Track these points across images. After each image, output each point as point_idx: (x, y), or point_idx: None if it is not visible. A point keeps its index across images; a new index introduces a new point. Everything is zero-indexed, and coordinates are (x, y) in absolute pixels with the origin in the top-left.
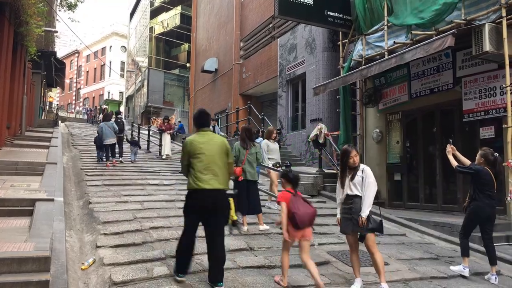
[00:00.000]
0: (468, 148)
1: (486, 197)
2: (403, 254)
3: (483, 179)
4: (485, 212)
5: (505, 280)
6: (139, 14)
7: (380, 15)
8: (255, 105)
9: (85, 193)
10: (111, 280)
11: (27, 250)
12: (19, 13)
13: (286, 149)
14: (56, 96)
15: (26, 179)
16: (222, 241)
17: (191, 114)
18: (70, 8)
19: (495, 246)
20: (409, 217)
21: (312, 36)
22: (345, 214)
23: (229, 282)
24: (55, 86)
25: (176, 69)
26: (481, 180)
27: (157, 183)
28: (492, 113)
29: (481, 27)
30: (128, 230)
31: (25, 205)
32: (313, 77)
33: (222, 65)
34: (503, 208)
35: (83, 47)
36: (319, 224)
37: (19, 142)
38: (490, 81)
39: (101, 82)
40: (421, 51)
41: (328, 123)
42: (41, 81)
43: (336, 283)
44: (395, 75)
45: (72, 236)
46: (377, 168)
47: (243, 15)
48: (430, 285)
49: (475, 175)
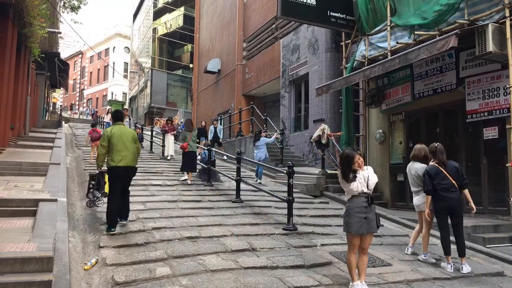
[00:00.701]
0: (471, 149)
1: (444, 191)
2: (405, 255)
3: (432, 176)
4: (445, 205)
5: (509, 281)
6: (142, 15)
7: (383, 16)
8: (258, 105)
9: None
10: (114, 281)
11: (30, 250)
12: (23, 14)
13: (289, 150)
14: (60, 97)
15: (29, 179)
16: (128, 194)
17: (194, 115)
18: (73, 10)
19: (464, 239)
20: (412, 218)
21: (315, 37)
22: (359, 213)
23: (231, 283)
24: (59, 87)
25: (179, 70)
26: (433, 177)
27: (160, 183)
28: (496, 113)
29: (484, 27)
30: (130, 230)
31: (29, 205)
32: (316, 77)
33: (225, 66)
34: (507, 209)
35: (87, 48)
36: (321, 225)
37: (23, 142)
38: (493, 81)
39: (104, 83)
40: (425, 52)
41: (331, 124)
42: (45, 82)
43: (339, 283)
44: (398, 75)
45: (75, 237)
46: (380, 169)
47: (246, 15)
48: (433, 286)
49: (429, 176)
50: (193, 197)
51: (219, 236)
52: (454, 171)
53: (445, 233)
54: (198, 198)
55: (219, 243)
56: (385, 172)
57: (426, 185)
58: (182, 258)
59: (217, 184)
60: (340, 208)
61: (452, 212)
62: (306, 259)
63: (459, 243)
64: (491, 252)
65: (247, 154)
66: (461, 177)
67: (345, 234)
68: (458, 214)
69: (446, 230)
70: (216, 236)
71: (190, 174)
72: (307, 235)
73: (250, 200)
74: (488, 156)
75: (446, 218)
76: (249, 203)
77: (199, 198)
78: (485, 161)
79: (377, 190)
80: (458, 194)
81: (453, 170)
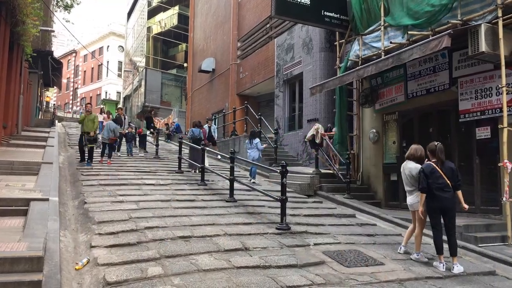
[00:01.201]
0: (464, 149)
1: (438, 190)
2: (398, 254)
3: (427, 175)
4: (438, 205)
5: (500, 280)
6: (137, 13)
7: (376, 15)
8: (252, 105)
9: (80, 193)
10: (105, 280)
11: (20, 250)
12: (15, 12)
13: (283, 149)
14: (53, 95)
15: (21, 178)
16: (93, 148)
17: (188, 114)
18: (66, 9)
19: (456, 239)
20: (405, 217)
21: (309, 36)
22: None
23: (223, 282)
24: (52, 85)
25: (174, 69)
26: (428, 176)
27: (153, 183)
28: (488, 113)
29: (477, 27)
30: (123, 230)
31: (20, 204)
32: (310, 77)
33: (219, 65)
34: (499, 208)
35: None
36: (314, 224)
37: (16, 141)
38: (486, 81)
39: (98, 82)
40: (418, 52)
41: (325, 123)
42: (38, 80)
43: (331, 283)
44: (392, 75)
45: (67, 236)
46: (373, 168)
47: (241, 15)
48: (425, 285)
49: (424, 174)
50: (186, 197)
51: (212, 236)
52: (449, 171)
53: (437, 232)
54: (191, 197)
55: (212, 243)
56: (379, 171)
57: (421, 183)
58: (175, 258)
59: (211, 183)
60: (334, 208)
61: (445, 211)
62: (299, 258)
63: (451, 242)
64: (483, 251)
65: (241, 153)
66: (456, 178)
67: (339, 233)
68: (451, 214)
69: (438, 229)
70: (209, 235)
71: (142, 149)
72: (300, 234)
73: (243, 200)
74: (481, 155)
75: (439, 217)
76: (243, 203)
77: (193, 197)
78: (477, 160)
79: (370, 189)
80: (451, 194)
81: (448, 170)
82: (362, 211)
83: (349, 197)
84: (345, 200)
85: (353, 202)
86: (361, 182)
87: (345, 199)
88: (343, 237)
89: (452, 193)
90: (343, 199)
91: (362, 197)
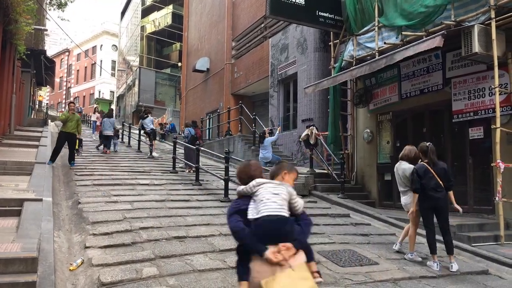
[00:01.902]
0: (457, 149)
1: (431, 190)
2: (392, 254)
3: (421, 175)
4: (431, 204)
5: (493, 280)
6: (131, 12)
7: (371, 16)
8: (246, 105)
9: (74, 193)
10: (100, 281)
11: (14, 250)
12: (8, 10)
13: (278, 149)
14: (46, 95)
15: (14, 178)
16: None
17: (182, 114)
18: (60, 7)
19: (451, 237)
20: (399, 217)
21: (303, 36)
22: None
23: (219, 282)
24: (45, 85)
25: (168, 68)
26: (421, 176)
27: (147, 183)
28: (481, 113)
29: (470, 28)
30: (117, 230)
31: (13, 205)
32: (305, 77)
33: (213, 65)
34: (492, 208)
35: (74, 45)
36: None
37: (8, 141)
38: (479, 82)
39: (91, 81)
40: (410, 50)
41: (319, 123)
42: (30, 79)
43: (326, 283)
44: (386, 75)
45: (61, 237)
46: (367, 168)
47: (235, 14)
48: (419, 285)
49: (417, 175)
50: (181, 197)
51: (207, 236)
52: (442, 172)
53: (431, 232)
54: (186, 197)
55: (207, 243)
56: (373, 171)
57: (414, 184)
58: (170, 258)
59: (206, 183)
60: (328, 207)
61: (438, 211)
62: None
63: (447, 241)
64: (476, 251)
65: (235, 153)
66: (448, 178)
67: (333, 233)
68: (445, 214)
69: (431, 228)
70: (204, 235)
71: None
72: None
73: None
74: (474, 155)
75: (432, 217)
76: None
77: (187, 197)
78: (470, 160)
79: (364, 189)
80: (444, 194)
81: (441, 171)
82: (357, 210)
83: (343, 196)
84: (339, 200)
85: (347, 201)
86: (355, 182)
87: (339, 198)
88: (337, 236)
89: (444, 193)
90: (337, 198)
91: (356, 197)
